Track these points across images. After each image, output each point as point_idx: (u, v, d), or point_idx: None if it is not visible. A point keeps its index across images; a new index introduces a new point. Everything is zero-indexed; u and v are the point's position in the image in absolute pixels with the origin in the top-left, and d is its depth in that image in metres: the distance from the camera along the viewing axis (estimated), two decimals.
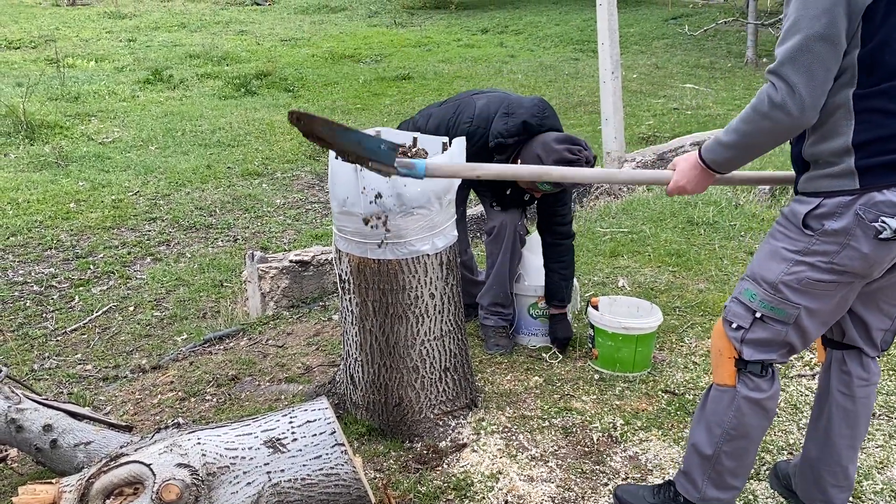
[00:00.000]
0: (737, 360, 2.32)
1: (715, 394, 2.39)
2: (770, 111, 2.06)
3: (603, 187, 6.78)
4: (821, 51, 1.99)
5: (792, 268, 2.18)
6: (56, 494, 2.41)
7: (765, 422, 2.37)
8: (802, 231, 2.16)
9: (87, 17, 16.42)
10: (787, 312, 2.22)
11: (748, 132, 2.14)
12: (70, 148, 8.17)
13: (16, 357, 4.34)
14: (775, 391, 2.35)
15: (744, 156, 2.21)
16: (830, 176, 2.10)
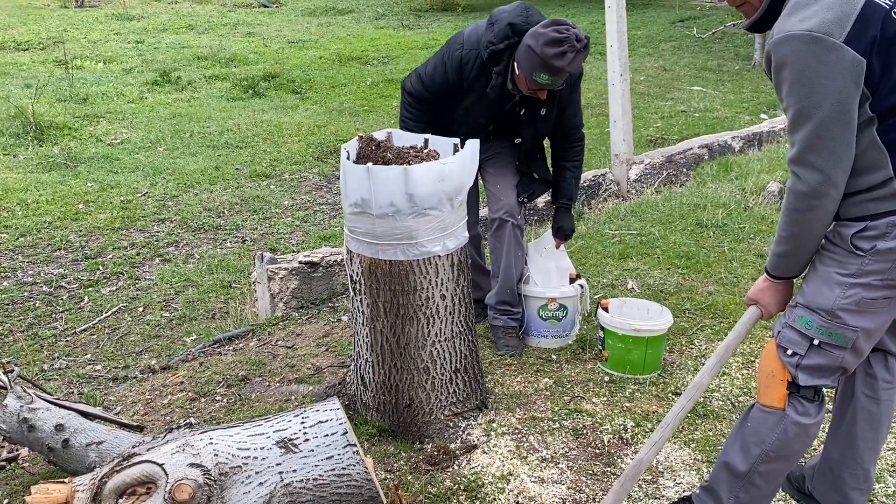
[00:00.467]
0: (790, 383, 2.30)
1: (759, 414, 2.36)
2: (810, 202, 2.07)
3: (611, 189, 6.78)
4: (838, 130, 2.00)
5: (847, 291, 2.16)
6: (69, 494, 2.41)
7: (806, 447, 2.35)
8: (853, 253, 2.14)
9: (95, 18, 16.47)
10: (847, 337, 2.19)
11: (800, 232, 2.15)
12: (79, 149, 8.18)
13: (26, 357, 4.35)
14: (822, 418, 2.33)
15: (808, 251, 2.21)
16: (875, 199, 2.09)
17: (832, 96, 1.97)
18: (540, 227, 5.98)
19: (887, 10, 1.99)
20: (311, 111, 10.03)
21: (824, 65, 1.96)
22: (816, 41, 1.96)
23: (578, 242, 5.29)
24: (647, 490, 2.86)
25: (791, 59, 2.00)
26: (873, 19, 1.97)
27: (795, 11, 2.03)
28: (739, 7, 2.27)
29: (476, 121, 3.67)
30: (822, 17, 1.97)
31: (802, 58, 1.98)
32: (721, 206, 5.80)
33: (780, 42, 2.02)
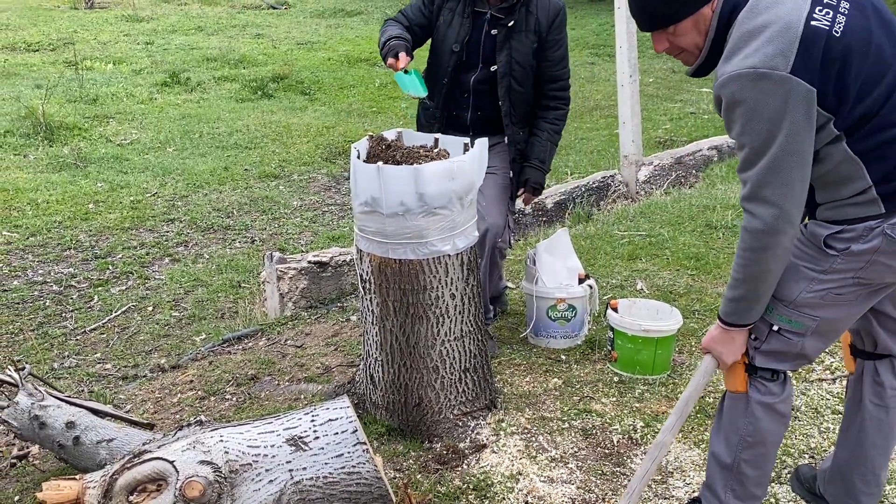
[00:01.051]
0: (747, 365, 2.30)
1: (729, 402, 2.38)
2: (766, 240, 2.03)
3: (620, 190, 6.78)
4: (791, 164, 1.97)
5: (814, 286, 2.15)
6: (80, 490, 2.42)
7: (780, 426, 2.35)
8: (825, 251, 2.12)
9: (104, 20, 16.52)
10: (805, 325, 2.20)
11: (756, 274, 2.10)
12: (89, 149, 8.21)
13: (36, 356, 4.37)
14: (788, 394, 2.33)
15: (763, 296, 2.16)
16: (855, 205, 2.07)
17: (784, 130, 1.94)
18: (549, 228, 5.98)
19: (828, 30, 1.95)
20: (320, 112, 10.05)
21: (774, 99, 1.93)
22: (763, 77, 1.93)
23: (587, 243, 5.28)
24: (658, 490, 2.85)
25: (740, 97, 1.96)
26: (816, 43, 1.93)
27: (736, 51, 1.99)
28: (678, 55, 2.23)
29: (449, 47, 3.58)
30: (764, 51, 1.93)
31: (751, 95, 1.95)
32: (730, 208, 5.79)
33: (726, 83, 1.99)
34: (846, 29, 1.96)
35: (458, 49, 3.57)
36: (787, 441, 3.10)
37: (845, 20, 1.97)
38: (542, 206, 6.27)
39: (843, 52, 1.95)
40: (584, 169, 7.74)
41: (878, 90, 1.99)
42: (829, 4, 1.98)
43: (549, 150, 3.73)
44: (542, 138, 3.71)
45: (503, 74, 3.55)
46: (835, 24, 1.96)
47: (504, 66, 3.54)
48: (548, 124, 3.72)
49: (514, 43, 3.53)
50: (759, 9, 2.01)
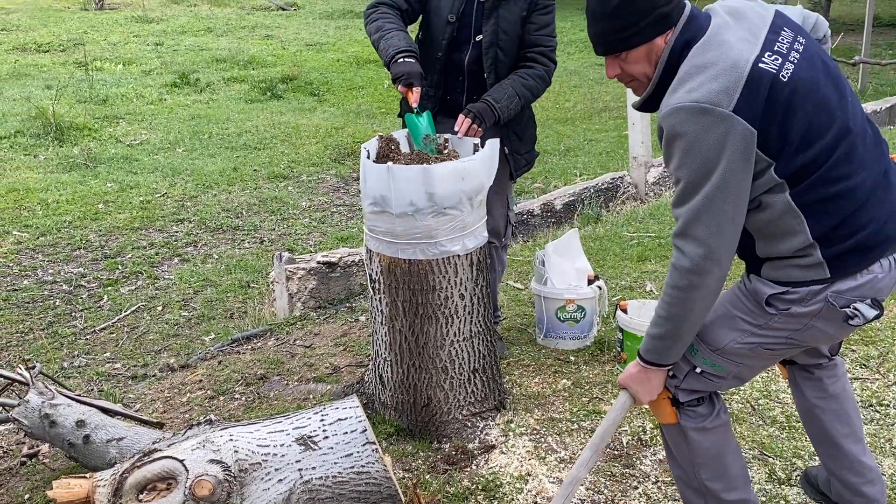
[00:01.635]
0: (671, 399, 2.29)
1: (667, 434, 2.37)
2: (692, 279, 2.00)
3: (629, 191, 6.77)
4: (724, 204, 1.94)
5: (746, 338, 2.15)
6: (90, 489, 2.43)
7: (723, 436, 2.33)
8: (764, 309, 2.11)
9: (114, 21, 16.58)
10: (728, 370, 2.20)
11: (680, 313, 2.06)
12: (98, 150, 8.25)
13: (46, 355, 4.39)
14: (718, 408, 2.31)
15: (685, 337, 2.12)
16: (800, 267, 2.04)
17: (720, 168, 1.91)
18: (557, 229, 5.98)
19: (775, 74, 1.94)
20: (329, 113, 10.06)
21: (713, 136, 1.91)
22: (704, 112, 1.91)
23: (596, 244, 5.28)
24: (667, 492, 2.85)
25: (680, 130, 1.94)
26: (761, 85, 1.92)
27: (682, 84, 1.97)
28: (629, 83, 2.21)
29: (444, 18, 3.34)
30: (709, 87, 1.92)
31: (691, 129, 1.92)
32: None
33: (668, 115, 1.97)
34: (793, 75, 1.96)
35: (453, 20, 3.34)
36: (797, 444, 3.09)
37: (793, 67, 1.97)
38: (550, 207, 6.27)
39: (788, 96, 1.94)
40: (592, 170, 7.74)
41: (823, 141, 1.97)
42: (779, 52, 1.98)
43: (507, 94, 3.30)
44: (504, 84, 3.34)
45: (489, 45, 3.33)
46: (782, 70, 1.95)
47: (490, 35, 3.32)
48: (516, 75, 3.37)
49: (501, 11, 3.33)
50: (710, 45, 2.00)
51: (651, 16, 2.05)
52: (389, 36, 3.21)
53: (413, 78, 3.10)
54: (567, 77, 12.35)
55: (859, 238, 2.01)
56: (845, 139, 2.01)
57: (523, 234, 5.97)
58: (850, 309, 2.02)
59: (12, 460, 3.22)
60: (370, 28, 3.32)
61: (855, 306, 2.02)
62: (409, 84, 3.11)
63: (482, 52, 3.34)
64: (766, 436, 3.14)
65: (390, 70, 3.16)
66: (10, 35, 14.61)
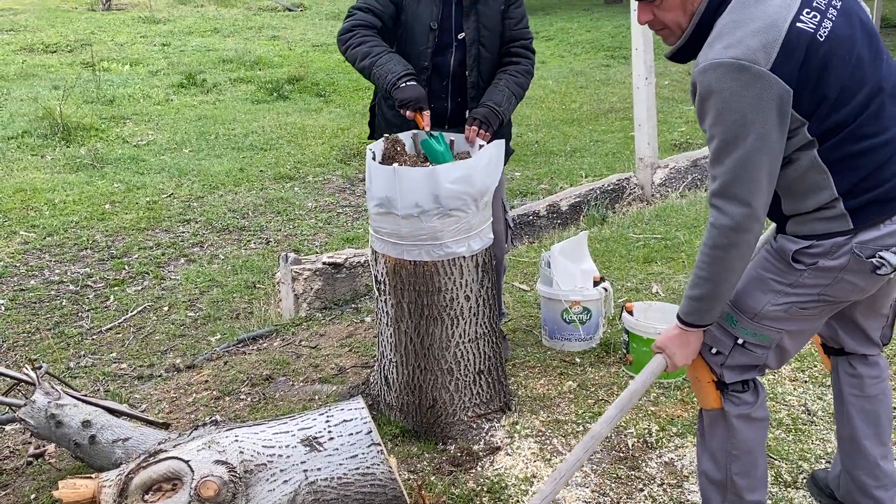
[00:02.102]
0: (717, 382, 2.29)
1: (707, 419, 2.37)
2: (733, 237, 2.00)
3: (635, 192, 6.75)
4: (762, 162, 1.95)
5: (779, 298, 2.15)
6: (95, 489, 2.43)
7: (762, 431, 2.34)
8: (792, 266, 2.12)
9: (122, 21, 16.62)
10: (770, 338, 2.20)
11: (720, 272, 2.07)
12: (105, 150, 8.26)
13: (52, 355, 4.39)
14: (762, 398, 2.33)
15: (724, 296, 2.13)
16: (823, 219, 2.06)
17: (757, 126, 1.92)
18: (563, 231, 5.97)
19: (812, 34, 1.93)
20: (335, 114, 10.07)
21: (750, 94, 1.91)
22: (742, 69, 1.90)
23: (602, 246, 5.27)
24: (672, 494, 2.84)
25: (716, 87, 1.94)
26: (798, 45, 1.92)
27: (719, 39, 1.97)
28: (660, 31, 2.20)
29: (426, 25, 3.27)
30: (748, 44, 1.91)
31: (728, 87, 1.92)
32: None
33: (705, 70, 1.96)
34: (831, 34, 1.95)
35: (435, 27, 3.26)
36: (804, 446, 3.08)
37: (831, 25, 1.96)
38: (556, 209, 6.26)
39: (824, 56, 1.94)
40: (598, 171, 7.72)
41: (856, 100, 1.98)
42: (818, 8, 1.97)
43: (505, 95, 3.31)
44: (500, 86, 3.33)
45: (472, 41, 3.28)
46: (820, 28, 1.95)
47: (472, 32, 3.28)
48: (507, 75, 3.36)
49: (480, 7, 3.28)
50: (748, 1, 2.00)
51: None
52: (382, 60, 3.15)
53: (422, 102, 3.08)
54: (573, 78, 12.33)
55: (882, 190, 2.02)
56: (877, 97, 2.01)
57: (529, 235, 5.96)
58: (877, 258, 2.02)
59: (18, 460, 3.23)
60: (354, 54, 3.22)
61: (881, 255, 2.02)
62: (417, 108, 3.08)
63: (466, 52, 3.30)
64: (772, 438, 3.13)
65: (393, 96, 3.10)
66: (17, 35, 14.66)
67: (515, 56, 3.40)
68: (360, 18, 3.27)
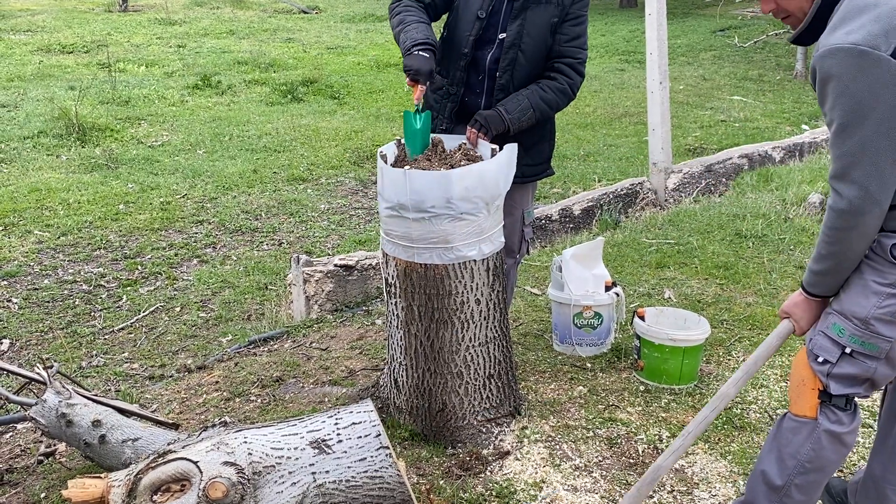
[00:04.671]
0: (821, 392, 2.25)
1: (792, 424, 2.32)
2: (851, 220, 2.02)
3: (648, 197, 6.73)
4: (882, 146, 1.95)
5: (884, 301, 2.11)
6: (104, 489, 2.43)
7: (842, 456, 2.30)
8: (892, 263, 2.09)
9: (138, 23, 16.71)
10: (880, 347, 2.15)
11: (839, 251, 2.10)
12: (120, 151, 8.31)
13: (65, 354, 4.42)
14: (856, 425, 2.28)
15: (846, 271, 2.16)
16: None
17: (877, 111, 1.92)
18: (576, 235, 5.95)
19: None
20: (349, 116, 10.09)
21: (870, 78, 1.91)
22: (862, 55, 1.91)
23: (615, 250, 5.25)
24: (682, 501, 2.82)
25: (836, 72, 1.95)
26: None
27: (841, 24, 1.98)
28: (784, 19, 2.22)
29: (474, 13, 3.22)
30: (869, 29, 1.92)
31: (847, 71, 1.93)
32: (761, 217, 5.73)
33: (825, 55, 1.98)
34: None
35: (483, 16, 3.21)
36: None
37: None
38: (569, 213, 6.24)
39: None
40: (612, 176, 7.70)
41: None
42: None
43: (521, 106, 3.18)
44: (521, 94, 3.22)
45: (510, 45, 3.20)
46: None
47: (514, 35, 3.19)
48: (537, 87, 3.23)
49: (529, 14, 3.20)
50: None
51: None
52: (409, 28, 3.14)
53: (420, 75, 3.01)
54: (587, 82, 12.30)
55: None
56: None
57: (541, 239, 5.95)
58: None
59: (29, 459, 3.24)
60: (393, 22, 3.25)
61: None
62: (415, 80, 3.04)
63: (502, 52, 3.24)
64: None
65: (403, 61, 3.08)
66: (35, 36, 14.76)
67: (556, 71, 3.28)
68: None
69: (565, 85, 3.25)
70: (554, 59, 3.26)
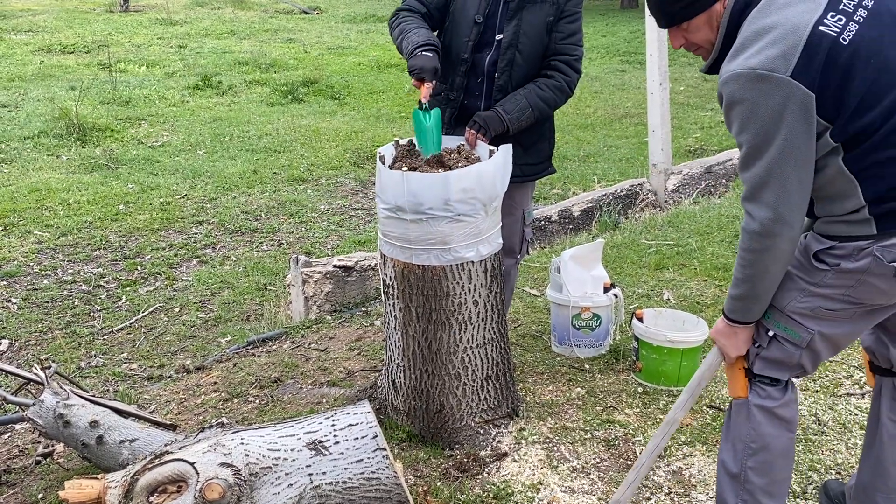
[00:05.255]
0: (746, 370, 2.30)
1: (734, 408, 2.37)
2: (763, 241, 2.03)
3: (648, 198, 6.73)
4: (789, 167, 1.96)
5: (804, 297, 2.15)
6: (101, 490, 2.44)
7: (783, 431, 2.31)
8: (814, 265, 2.12)
9: (139, 23, 16.72)
10: (801, 336, 2.19)
11: (756, 273, 2.11)
12: (120, 151, 8.31)
13: (63, 354, 4.42)
14: (788, 399, 2.30)
15: (764, 295, 2.17)
16: (847, 223, 2.06)
17: (782, 133, 1.93)
18: (575, 236, 5.95)
19: (835, 37, 1.92)
20: (349, 117, 10.09)
21: (772, 102, 1.92)
22: (762, 78, 1.92)
23: (614, 252, 5.25)
24: (680, 503, 2.82)
25: (739, 97, 1.97)
26: (820, 48, 1.91)
27: (742, 49, 1.99)
28: (695, 51, 2.26)
29: (471, 18, 3.24)
30: (767, 53, 1.93)
31: (750, 96, 1.95)
32: None
33: (727, 81, 1.99)
34: (855, 37, 1.94)
35: (480, 20, 3.22)
36: (814, 456, 3.05)
37: (857, 28, 1.94)
38: (568, 214, 6.24)
39: (847, 60, 1.92)
40: (612, 177, 7.70)
41: (882, 105, 1.95)
42: (845, 11, 1.96)
43: (519, 105, 3.19)
44: (519, 94, 3.22)
45: (508, 45, 3.20)
46: (844, 31, 1.93)
47: (511, 36, 3.20)
48: (534, 86, 3.23)
49: (525, 14, 3.19)
50: (770, 9, 2.00)
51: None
52: (410, 34, 3.17)
53: (426, 73, 3.02)
54: (588, 83, 12.30)
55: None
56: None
57: (540, 240, 5.95)
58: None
59: (27, 459, 3.24)
60: (394, 35, 3.28)
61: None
62: (421, 79, 3.04)
63: (500, 53, 3.24)
64: None
65: (408, 63, 3.09)
66: (36, 36, 14.77)
67: (553, 69, 3.29)
68: (408, 3, 3.33)
69: (563, 83, 3.26)
70: (550, 57, 3.27)
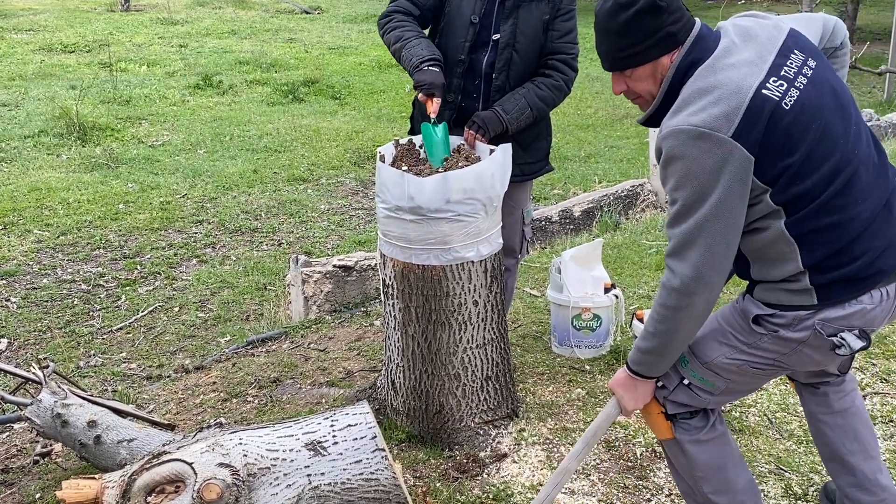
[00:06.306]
0: (665, 413, 2.28)
1: (667, 449, 2.37)
2: (681, 300, 2.01)
3: (649, 199, 6.72)
4: (718, 228, 1.94)
5: (734, 354, 2.14)
6: (99, 490, 2.43)
7: (720, 447, 2.31)
8: (752, 328, 2.11)
9: (140, 22, 16.70)
10: (716, 385, 2.19)
11: (667, 331, 2.08)
12: (120, 150, 8.30)
13: (62, 354, 4.41)
14: (712, 420, 2.30)
15: (672, 353, 2.14)
16: (788, 291, 2.04)
17: (716, 193, 1.91)
18: (576, 236, 5.94)
19: (777, 101, 1.92)
20: (350, 117, 10.08)
21: (710, 161, 1.90)
22: (703, 137, 1.90)
23: (615, 252, 5.24)
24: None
25: (678, 153, 1.94)
26: (762, 112, 1.90)
27: (684, 106, 1.97)
28: (634, 100, 2.23)
29: (467, 19, 3.21)
30: (710, 112, 1.91)
31: (689, 153, 1.93)
32: None
33: (667, 136, 1.97)
34: (797, 103, 1.94)
35: (476, 20, 3.19)
36: (815, 458, 3.04)
37: (798, 94, 1.95)
38: (569, 214, 6.23)
39: (788, 124, 1.93)
40: (613, 177, 7.70)
41: (822, 171, 1.95)
42: (786, 77, 1.96)
43: (518, 105, 3.18)
44: (517, 94, 3.20)
45: (505, 45, 3.18)
46: (786, 97, 1.93)
47: (508, 36, 3.18)
48: (532, 85, 3.22)
49: (521, 13, 3.17)
50: (714, 68, 1.99)
51: (658, 35, 2.05)
52: (412, 45, 3.14)
53: (435, 88, 3.03)
54: (589, 83, 12.29)
55: (850, 269, 1.99)
56: (846, 168, 1.98)
57: (541, 240, 5.94)
58: (838, 338, 2.01)
59: (25, 459, 3.23)
60: (389, 38, 3.25)
61: (842, 335, 2.01)
62: (430, 94, 3.05)
63: (497, 53, 3.23)
64: (782, 450, 3.09)
65: (413, 78, 3.09)
66: (36, 35, 14.76)
67: (550, 69, 3.28)
68: (400, 5, 3.29)
69: (560, 81, 3.26)
70: (547, 56, 3.27)
